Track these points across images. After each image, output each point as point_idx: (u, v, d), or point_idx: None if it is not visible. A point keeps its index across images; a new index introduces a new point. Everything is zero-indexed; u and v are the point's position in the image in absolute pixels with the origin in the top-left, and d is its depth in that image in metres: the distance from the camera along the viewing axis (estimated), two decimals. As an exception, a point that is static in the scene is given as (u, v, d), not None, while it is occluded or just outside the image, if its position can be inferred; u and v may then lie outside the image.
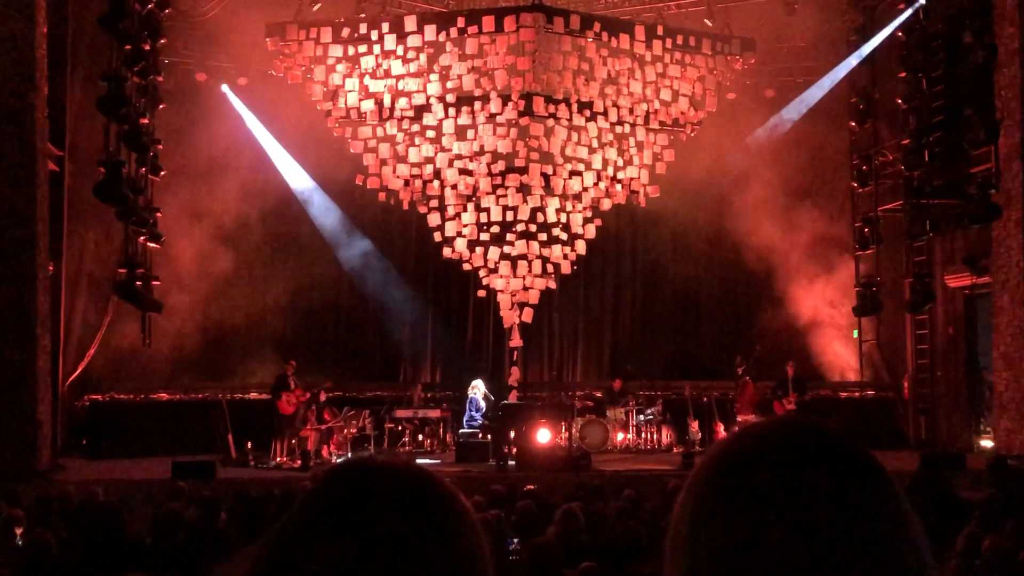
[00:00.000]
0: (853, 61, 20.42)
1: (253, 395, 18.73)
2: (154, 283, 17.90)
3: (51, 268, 16.02)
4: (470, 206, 17.97)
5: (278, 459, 16.76)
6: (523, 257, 17.70)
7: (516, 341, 18.28)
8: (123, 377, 18.85)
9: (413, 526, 1.11)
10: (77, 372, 18.19)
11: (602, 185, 18.31)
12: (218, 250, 19.52)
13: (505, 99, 17.17)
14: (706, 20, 19.45)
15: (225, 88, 20.30)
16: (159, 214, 17.89)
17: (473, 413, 18.04)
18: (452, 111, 17.49)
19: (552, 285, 18.37)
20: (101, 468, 15.75)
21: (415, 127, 17.84)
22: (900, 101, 18.91)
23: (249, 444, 16.98)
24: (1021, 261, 16.17)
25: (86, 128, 17.15)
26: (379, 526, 1.10)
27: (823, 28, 20.04)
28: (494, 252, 17.84)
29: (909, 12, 18.87)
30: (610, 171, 18.25)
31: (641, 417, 18.78)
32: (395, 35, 17.31)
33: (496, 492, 9.81)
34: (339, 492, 1.15)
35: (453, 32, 17.15)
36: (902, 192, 19.20)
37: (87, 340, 18.44)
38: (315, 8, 18.75)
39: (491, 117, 17.34)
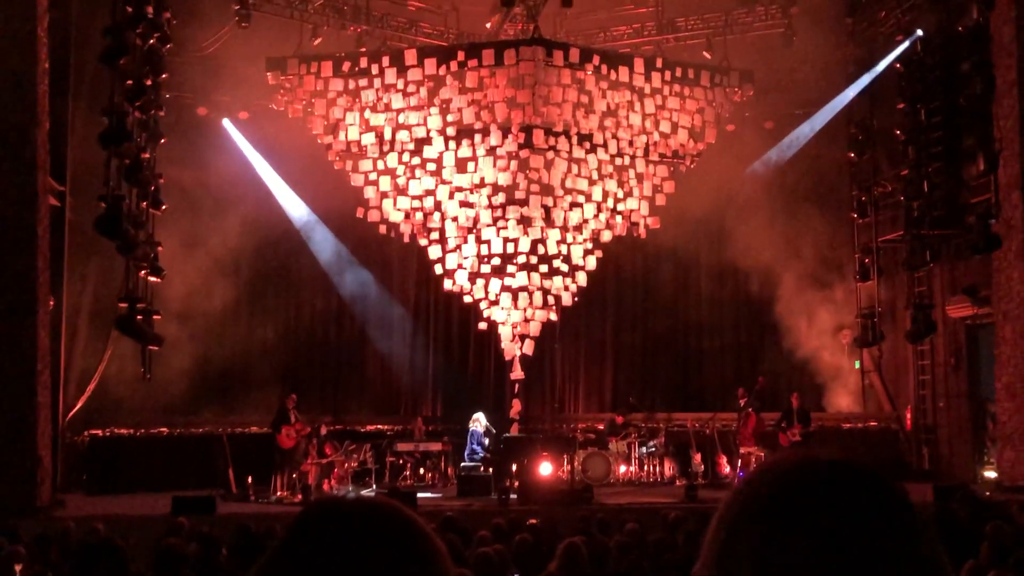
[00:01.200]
0: (852, 92, 20.51)
1: (253, 429, 18.61)
2: (155, 317, 17.83)
3: (51, 302, 15.99)
4: (471, 238, 17.98)
5: (279, 493, 16.64)
6: (524, 289, 17.69)
7: (517, 374, 18.22)
8: (123, 412, 18.76)
9: (383, 563, 1.12)
10: (77, 407, 18.11)
11: (602, 217, 18.35)
12: (219, 283, 19.49)
13: (505, 132, 17.24)
14: (705, 53, 19.58)
15: (226, 122, 20.37)
16: (160, 248, 17.89)
17: (474, 446, 17.97)
18: (452, 144, 17.55)
19: (553, 317, 18.33)
20: (101, 503, 15.66)
21: (415, 160, 17.89)
22: (899, 132, 18.96)
23: (250, 479, 16.86)
24: (1022, 291, 16.16)
25: (87, 163, 17.15)
26: (351, 565, 1.12)
27: (822, 60, 20.14)
28: (495, 284, 17.84)
29: (907, 44, 19.00)
30: (610, 203, 18.30)
31: (643, 449, 18.70)
32: (395, 69, 17.40)
33: (498, 526, 9.73)
34: (310, 534, 1.16)
35: (453, 66, 17.23)
36: (902, 222, 19.22)
37: (87, 375, 18.39)
38: (316, 42, 18.88)
39: (491, 150, 17.39)
